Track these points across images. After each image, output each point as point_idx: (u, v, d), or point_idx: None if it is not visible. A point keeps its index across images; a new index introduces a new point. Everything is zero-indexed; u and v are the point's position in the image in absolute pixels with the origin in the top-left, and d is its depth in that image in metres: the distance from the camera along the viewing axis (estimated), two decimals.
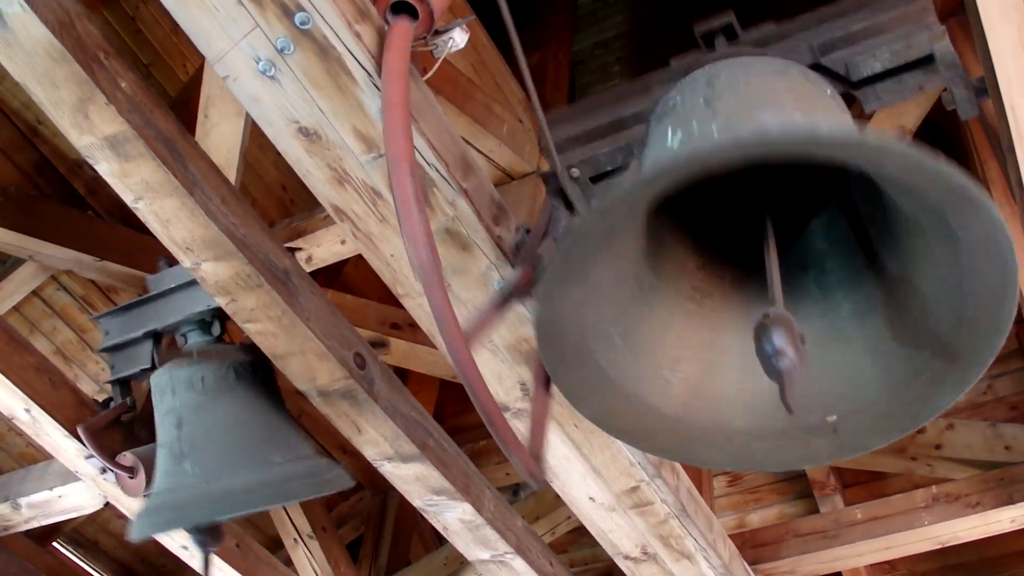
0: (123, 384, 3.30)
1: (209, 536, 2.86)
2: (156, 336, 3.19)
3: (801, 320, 1.86)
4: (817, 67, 2.41)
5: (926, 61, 2.31)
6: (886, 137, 1.62)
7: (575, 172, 2.59)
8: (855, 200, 2.23)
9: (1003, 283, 1.82)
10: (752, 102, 2.04)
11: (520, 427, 2.70)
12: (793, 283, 2.20)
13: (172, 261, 3.04)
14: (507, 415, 2.66)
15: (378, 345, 3.27)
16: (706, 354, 2.22)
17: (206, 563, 2.91)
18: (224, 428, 2.87)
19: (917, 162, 1.66)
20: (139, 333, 3.18)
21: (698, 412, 2.17)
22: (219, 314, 3.05)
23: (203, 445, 2.84)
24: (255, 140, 4.58)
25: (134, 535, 2.86)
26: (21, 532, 4.32)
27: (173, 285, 3.11)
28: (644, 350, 2.16)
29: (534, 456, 2.04)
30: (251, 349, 2.89)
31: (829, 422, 2.04)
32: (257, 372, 2.96)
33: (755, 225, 2.23)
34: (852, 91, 2.38)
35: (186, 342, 3.11)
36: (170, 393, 2.90)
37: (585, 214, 1.87)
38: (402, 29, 1.97)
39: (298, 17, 1.86)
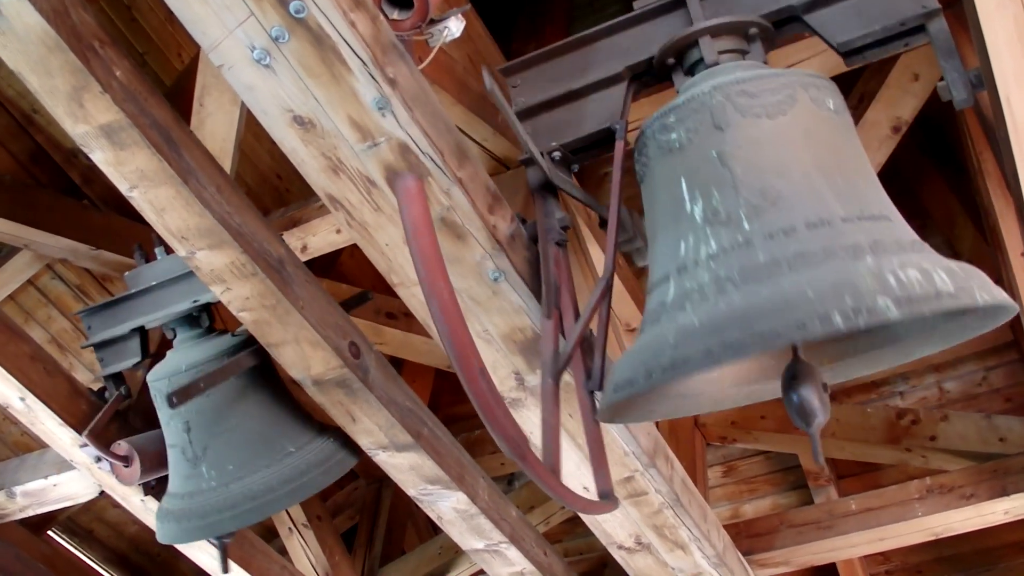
0: (116, 377, 3.31)
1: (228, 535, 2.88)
2: (143, 330, 3.19)
3: None
4: (798, 22, 2.41)
5: (917, 30, 2.32)
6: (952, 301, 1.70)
7: (556, 155, 2.59)
8: None
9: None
10: (774, 174, 2.00)
11: (514, 416, 2.70)
12: None
13: (148, 254, 3.03)
14: None
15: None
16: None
17: (224, 561, 2.92)
18: (233, 427, 2.87)
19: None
20: (125, 329, 3.18)
21: (714, 383, 2.32)
22: (205, 307, 3.05)
23: (215, 447, 2.84)
24: (250, 129, 4.58)
25: (162, 539, 2.87)
26: (16, 521, 4.32)
27: (154, 282, 3.10)
28: None
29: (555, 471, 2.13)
30: (248, 342, 2.89)
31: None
32: (256, 364, 2.95)
33: None
34: (838, 52, 2.38)
35: (175, 335, 3.11)
36: None
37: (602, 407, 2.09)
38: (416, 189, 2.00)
39: (293, 5, 1.85)
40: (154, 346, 3.34)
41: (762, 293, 1.78)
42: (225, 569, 2.96)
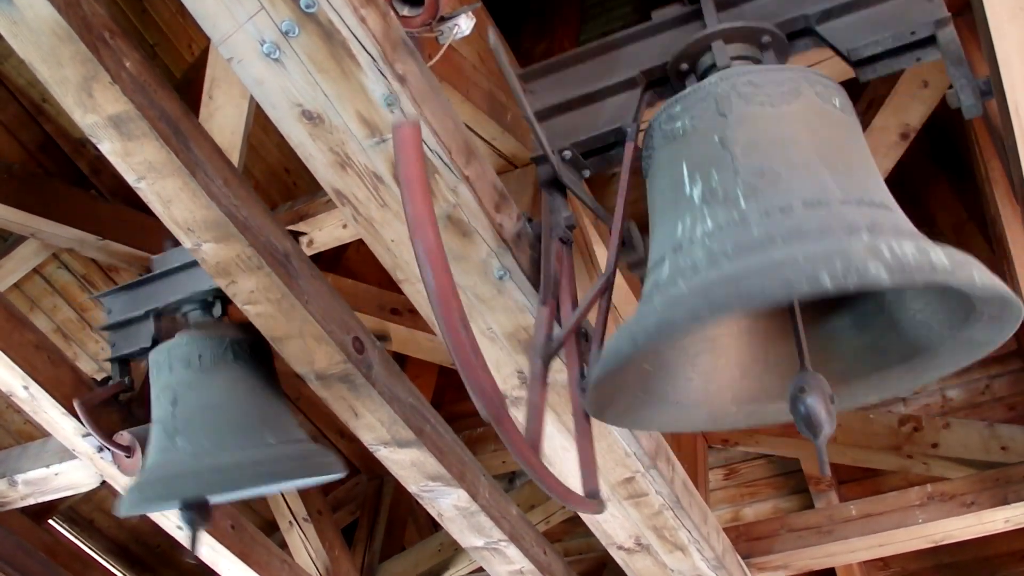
0: (123, 363, 3.32)
1: (198, 514, 2.83)
2: (158, 315, 3.20)
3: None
4: (812, 35, 2.41)
5: (927, 41, 2.31)
6: (947, 265, 1.66)
7: (567, 155, 2.59)
8: None
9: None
10: (773, 156, 2.00)
11: (517, 415, 2.70)
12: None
13: (177, 242, 3.04)
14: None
15: (381, 339, 3.27)
16: (721, 343, 2.27)
17: (194, 541, 2.89)
18: (219, 406, 2.85)
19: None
20: (140, 312, 3.20)
21: (713, 396, 2.27)
22: (220, 295, 3.05)
23: (197, 422, 2.82)
24: (259, 122, 4.58)
25: (122, 511, 2.84)
26: (17, 509, 4.33)
27: (176, 265, 3.12)
28: (670, 361, 2.23)
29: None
30: (250, 328, 2.89)
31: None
32: (255, 352, 2.96)
33: None
34: (849, 65, 2.38)
35: (187, 322, 3.12)
36: (167, 369, 2.90)
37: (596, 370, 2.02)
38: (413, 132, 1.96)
39: (303, 0, 1.86)
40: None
41: (752, 261, 1.77)
42: (194, 549, 2.92)
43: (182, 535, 3.66)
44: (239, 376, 2.90)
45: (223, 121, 4.06)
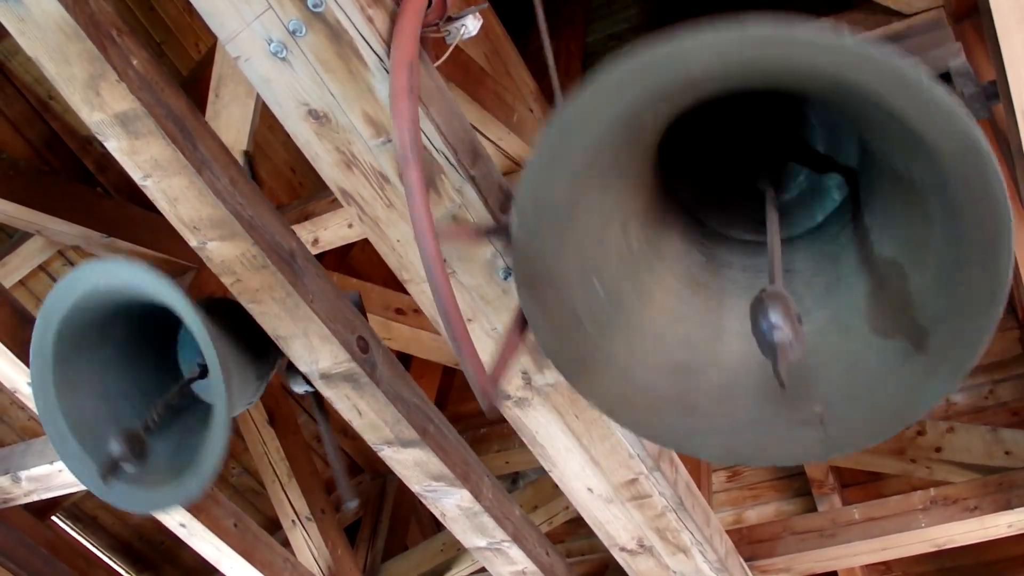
0: None
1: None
2: None
3: (801, 310, 1.85)
4: None
5: (942, 79, 2.31)
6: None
7: None
8: (857, 179, 2.21)
9: (996, 238, 1.81)
10: None
11: (520, 415, 2.71)
12: (794, 275, 2.19)
13: None
14: (508, 403, 2.67)
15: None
16: (697, 336, 2.20)
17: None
18: None
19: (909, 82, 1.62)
20: None
21: (685, 393, 2.14)
22: None
23: None
24: (265, 121, 4.59)
25: None
26: (21, 505, 4.33)
27: None
28: (626, 312, 2.13)
29: (492, 380, 1.99)
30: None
31: (817, 412, 2.00)
32: None
33: (759, 210, 2.20)
34: None
35: None
36: None
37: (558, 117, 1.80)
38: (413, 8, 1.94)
39: None
40: None
41: None
42: None
43: (186, 533, 3.66)
44: None
45: (229, 119, 4.07)
